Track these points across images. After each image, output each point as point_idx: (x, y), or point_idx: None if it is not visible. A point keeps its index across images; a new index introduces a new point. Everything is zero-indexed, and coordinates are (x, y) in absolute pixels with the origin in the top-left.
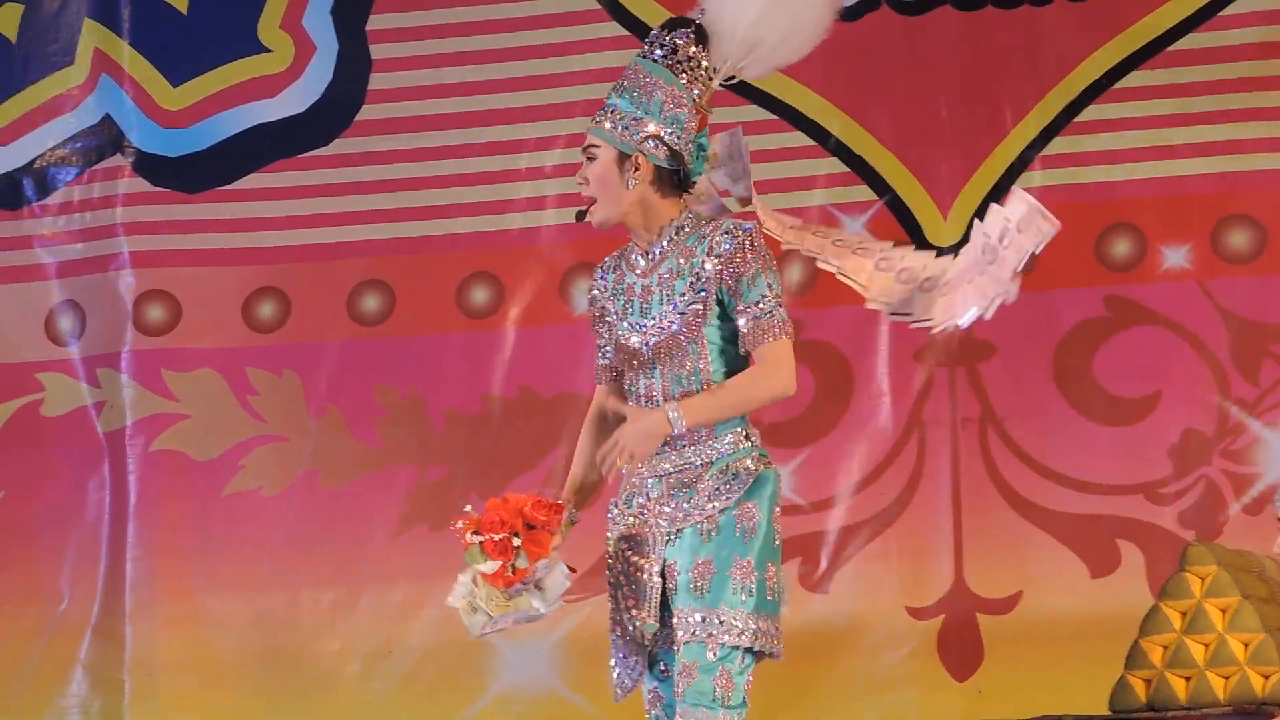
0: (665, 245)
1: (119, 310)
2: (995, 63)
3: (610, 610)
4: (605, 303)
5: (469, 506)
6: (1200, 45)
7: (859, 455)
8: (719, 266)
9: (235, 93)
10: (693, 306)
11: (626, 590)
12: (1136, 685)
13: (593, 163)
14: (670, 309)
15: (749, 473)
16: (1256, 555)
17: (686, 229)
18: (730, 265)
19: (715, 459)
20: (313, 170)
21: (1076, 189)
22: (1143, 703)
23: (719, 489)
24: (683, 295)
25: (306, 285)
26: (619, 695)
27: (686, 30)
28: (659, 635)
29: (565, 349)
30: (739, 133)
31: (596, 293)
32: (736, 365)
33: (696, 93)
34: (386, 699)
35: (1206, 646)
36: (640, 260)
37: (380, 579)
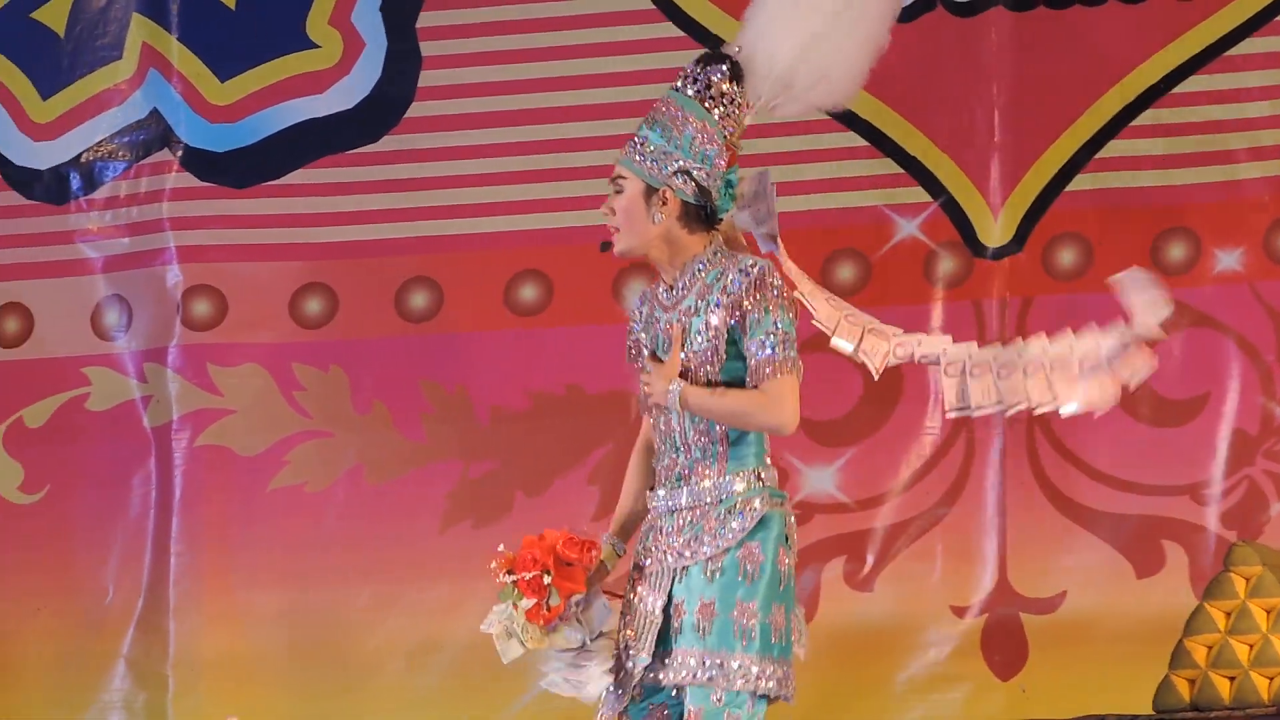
0: (686, 281)
1: (166, 305)
2: (1048, 64)
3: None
4: (640, 335)
5: (502, 546)
6: (1257, 50)
7: (906, 454)
8: (729, 304)
9: (283, 88)
10: (704, 351)
11: (629, 619)
12: (1180, 685)
13: (619, 194)
14: (687, 351)
15: (754, 513)
16: None
17: (708, 265)
18: (740, 302)
19: (724, 497)
20: (361, 167)
21: (1131, 193)
22: (1187, 703)
23: (723, 528)
24: (698, 334)
25: (354, 281)
26: (600, 713)
27: (721, 66)
28: (648, 670)
29: (615, 347)
30: (768, 174)
31: (634, 324)
32: None
33: (728, 130)
34: (429, 695)
35: (1251, 647)
36: (665, 295)
37: (424, 575)
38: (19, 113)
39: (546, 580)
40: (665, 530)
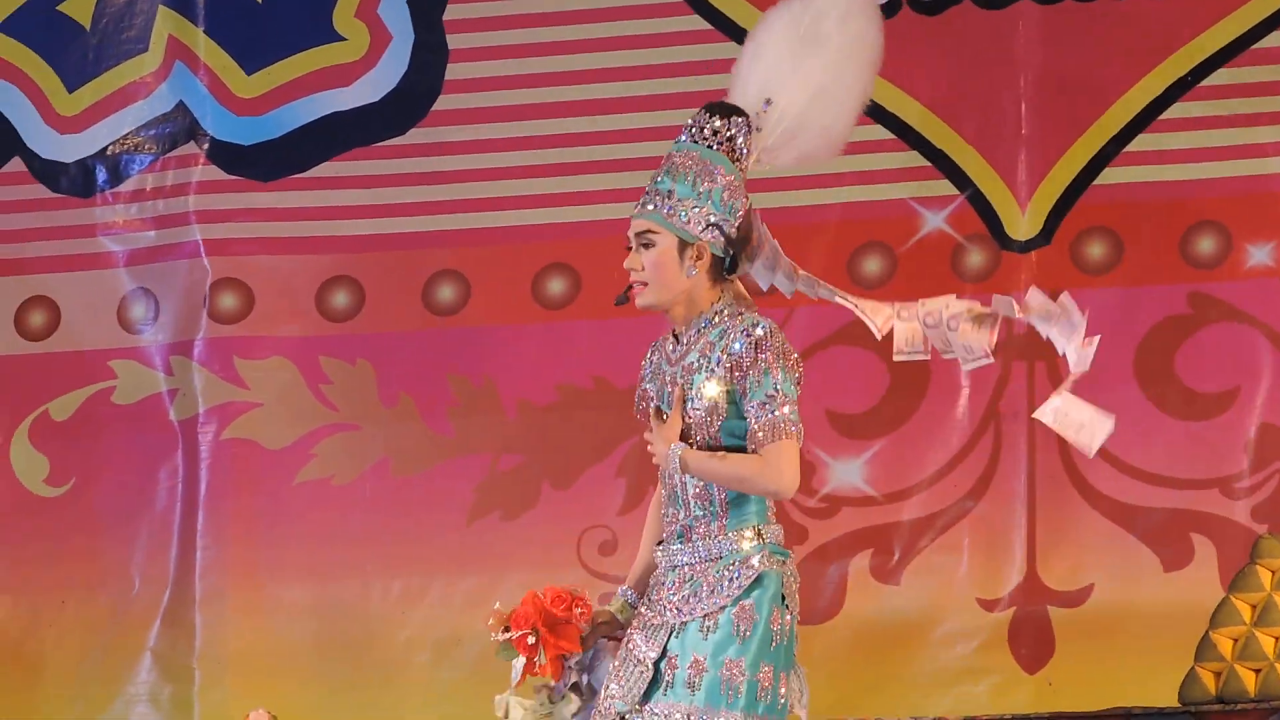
0: (692, 336)
1: (192, 298)
2: (1076, 57)
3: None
4: (647, 385)
5: (498, 604)
6: None
7: (934, 447)
8: (730, 365)
9: (310, 81)
10: (702, 414)
11: (619, 667)
12: (1206, 678)
13: (649, 249)
14: (687, 409)
15: (751, 570)
16: None
17: (713, 324)
18: (740, 364)
19: (724, 554)
20: (387, 160)
21: (1160, 186)
22: (1213, 695)
23: (721, 585)
24: (697, 397)
25: (380, 274)
26: None
27: (741, 119)
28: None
29: (642, 341)
30: (755, 214)
31: (644, 373)
32: None
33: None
34: (455, 688)
35: (1277, 639)
36: (671, 348)
37: (450, 568)
38: (45, 106)
39: (532, 640)
40: (668, 585)
